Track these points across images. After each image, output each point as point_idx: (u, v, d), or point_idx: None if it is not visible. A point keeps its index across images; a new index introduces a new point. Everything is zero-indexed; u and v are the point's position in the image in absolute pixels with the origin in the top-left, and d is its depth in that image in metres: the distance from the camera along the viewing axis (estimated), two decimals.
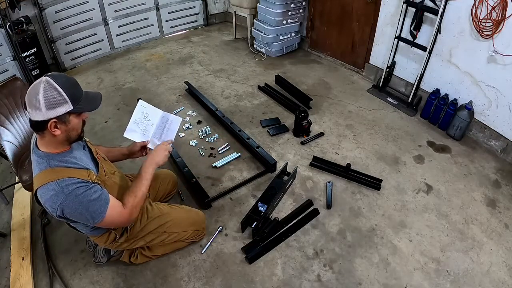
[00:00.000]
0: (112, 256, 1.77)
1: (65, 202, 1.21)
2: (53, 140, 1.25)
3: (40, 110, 1.14)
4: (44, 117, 1.15)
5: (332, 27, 3.88)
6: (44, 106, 1.14)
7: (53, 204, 1.21)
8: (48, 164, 1.24)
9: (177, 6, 4.80)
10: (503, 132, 2.57)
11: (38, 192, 1.24)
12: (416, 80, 3.03)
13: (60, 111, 1.17)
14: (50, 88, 1.15)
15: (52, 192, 1.20)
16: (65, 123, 1.21)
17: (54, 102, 1.15)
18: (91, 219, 1.29)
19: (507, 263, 1.85)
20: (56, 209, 1.22)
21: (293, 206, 2.20)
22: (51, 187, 1.21)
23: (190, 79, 3.68)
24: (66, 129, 1.23)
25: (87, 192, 1.25)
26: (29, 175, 1.92)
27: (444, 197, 2.26)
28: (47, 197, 1.21)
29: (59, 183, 1.21)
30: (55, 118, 1.17)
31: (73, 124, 1.24)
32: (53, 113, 1.16)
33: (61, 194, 1.20)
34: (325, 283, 1.76)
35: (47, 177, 1.22)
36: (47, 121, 1.17)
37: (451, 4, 2.56)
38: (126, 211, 1.40)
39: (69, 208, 1.23)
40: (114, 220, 1.37)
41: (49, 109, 1.15)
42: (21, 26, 3.38)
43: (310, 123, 2.79)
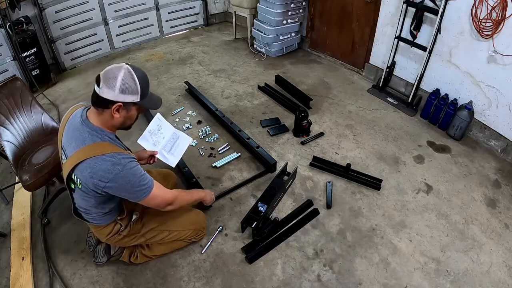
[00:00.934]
0: (112, 256, 1.78)
1: (121, 173, 1.28)
2: (110, 120, 1.34)
3: (114, 91, 1.26)
4: (114, 98, 1.27)
5: (332, 27, 3.88)
6: (118, 88, 1.26)
7: (107, 174, 1.26)
8: (102, 138, 1.32)
9: (177, 6, 4.81)
10: (503, 132, 2.57)
11: (89, 161, 1.27)
12: (416, 80, 3.03)
13: (128, 99, 1.30)
14: (130, 76, 1.28)
15: (108, 163, 1.26)
16: (127, 110, 1.34)
17: (128, 89, 1.28)
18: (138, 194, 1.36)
19: (507, 263, 1.85)
20: (108, 180, 1.27)
21: (293, 206, 2.20)
22: (107, 158, 1.27)
23: (190, 79, 3.68)
24: (126, 116, 1.35)
25: (138, 168, 1.35)
26: (29, 175, 1.93)
27: (444, 197, 2.26)
28: (102, 167, 1.26)
29: (115, 155, 1.29)
30: (122, 102, 1.29)
31: (132, 113, 1.37)
32: (122, 97, 1.28)
33: (119, 165, 1.28)
34: (325, 283, 1.76)
35: (105, 149, 1.29)
36: (114, 103, 1.28)
37: (451, 4, 2.56)
38: (171, 193, 1.51)
39: (122, 178, 1.29)
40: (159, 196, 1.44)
41: (121, 93, 1.27)
42: (21, 26, 3.38)
43: (310, 123, 2.79)
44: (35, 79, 3.50)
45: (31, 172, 1.94)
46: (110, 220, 1.55)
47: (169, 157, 1.86)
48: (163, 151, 1.84)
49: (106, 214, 1.51)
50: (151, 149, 1.82)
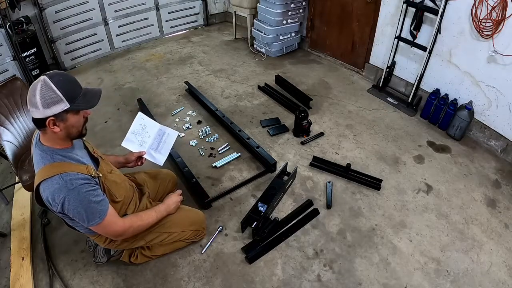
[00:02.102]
0: (112, 256, 1.77)
1: (67, 197, 1.23)
2: (54, 137, 1.28)
3: (38, 109, 1.18)
4: (42, 115, 1.20)
5: (332, 27, 3.88)
6: (40, 104, 1.18)
7: (55, 198, 1.23)
8: (52, 158, 1.27)
9: (177, 6, 4.80)
10: (503, 132, 2.57)
11: (41, 186, 1.25)
12: (416, 80, 3.03)
13: (56, 110, 1.20)
14: (46, 88, 1.18)
15: (56, 186, 1.22)
16: (63, 121, 1.24)
17: (50, 101, 1.18)
18: (87, 220, 1.30)
19: (507, 263, 1.85)
20: (58, 203, 1.24)
21: (293, 206, 2.20)
22: (55, 180, 1.23)
23: (190, 79, 3.68)
24: (65, 126, 1.26)
25: (91, 192, 1.28)
26: (29, 175, 1.93)
27: (444, 197, 2.26)
28: (51, 190, 1.23)
29: (63, 177, 1.23)
30: (53, 116, 1.20)
31: (71, 121, 1.27)
32: (49, 111, 1.19)
33: (65, 188, 1.23)
34: (325, 283, 1.76)
35: (52, 170, 1.24)
36: (45, 119, 1.20)
37: (451, 4, 2.56)
38: (123, 225, 1.43)
39: (70, 203, 1.24)
40: (106, 230, 1.39)
41: (46, 108, 1.18)
42: (21, 26, 3.38)
43: (310, 123, 2.79)
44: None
45: (31, 172, 1.94)
46: None
47: (156, 155, 1.82)
48: (151, 150, 1.81)
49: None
50: (137, 150, 1.78)
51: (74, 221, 1.38)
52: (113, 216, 1.38)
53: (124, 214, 1.56)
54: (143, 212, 1.59)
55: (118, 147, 2.75)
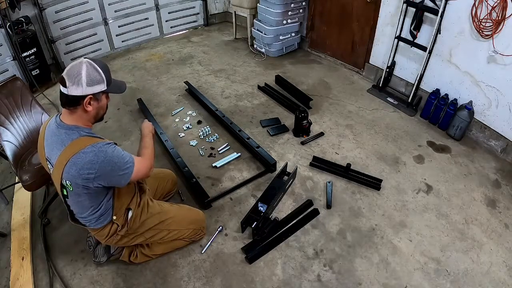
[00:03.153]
0: (112, 255, 1.77)
1: (105, 160, 1.31)
2: (83, 116, 1.38)
3: (81, 86, 1.29)
4: (83, 92, 1.30)
5: (332, 27, 3.88)
6: (85, 82, 1.29)
7: (92, 165, 1.29)
8: (79, 134, 1.35)
9: (177, 6, 4.80)
10: (503, 132, 2.57)
11: (73, 159, 1.29)
12: (416, 80, 3.03)
13: (96, 89, 1.33)
14: (92, 68, 1.32)
15: (90, 154, 1.30)
16: (98, 100, 1.37)
17: (94, 80, 1.31)
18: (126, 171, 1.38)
19: (507, 263, 1.85)
20: (95, 170, 1.30)
21: (293, 206, 2.20)
22: (88, 150, 1.30)
23: (190, 79, 3.68)
24: (97, 106, 1.39)
25: (117, 148, 1.40)
26: (29, 175, 1.93)
27: (444, 197, 2.26)
28: (86, 160, 1.29)
29: (95, 145, 1.32)
30: (92, 94, 1.32)
31: (102, 103, 1.42)
32: (91, 89, 1.31)
33: (100, 152, 1.31)
34: (325, 283, 1.76)
35: (82, 143, 1.31)
36: (84, 97, 1.31)
37: (451, 4, 2.56)
38: (147, 160, 1.54)
39: (108, 164, 1.32)
40: (141, 168, 1.47)
41: (89, 86, 1.30)
42: (21, 26, 3.37)
43: (310, 123, 2.79)
44: (35, 79, 3.50)
45: (31, 172, 1.94)
46: (106, 221, 1.55)
47: None
48: None
49: (101, 216, 1.51)
50: None
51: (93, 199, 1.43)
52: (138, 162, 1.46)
53: (128, 208, 1.60)
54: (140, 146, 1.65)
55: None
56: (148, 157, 1.57)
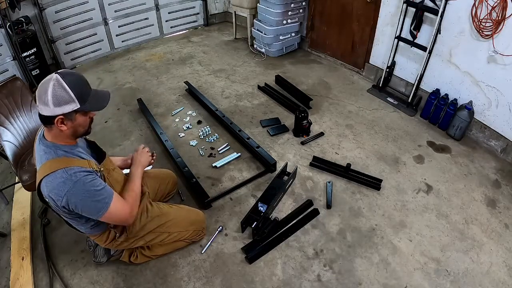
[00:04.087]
0: (112, 256, 1.77)
1: (72, 190, 1.23)
2: (60, 134, 1.29)
3: (48, 106, 1.19)
4: (51, 113, 1.20)
5: (332, 27, 3.88)
6: (51, 103, 1.19)
7: (59, 192, 1.23)
8: (55, 154, 1.27)
9: (177, 6, 4.80)
10: (503, 132, 2.57)
11: (44, 181, 1.25)
12: (416, 80, 3.03)
13: (66, 109, 1.21)
14: (59, 87, 1.19)
15: (60, 180, 1.23)
16: (72, 120, 1.25)
17: (61, 100, 1.19)
18: (96, 210, 1.30)
19: (507, 263, 1.85)
20: (62, 197, 1.23)
21: (293, 206, 2.20)
22: (59, 174, 1.23)
23: (190, 79, 3.68)
24: (73, 125, 1.27)
25: (94, 181, 1.29)
26: (29, 175, 1.93)
27: (444, 197, 2.26)
28: (54, 184, 1.23)
29: (67, 170, 1.24)
30: (62, 115, 1.21)
31: (79, 121, 1.28)
32: (59, 110, 1.20)
33: (69, 181, 1.23)
34: (325, 283, 1.76)
35: (55, 165, 1.24)
36: (54, 117, 1.21)
37: (451, 4, 2.56)
38: (128, 206, 1.43)
39: (76, 196, 1.24)
40: (117, 213, 1.37)
41: (56, 106, 1.19)
42: (21, 26, 3.38)
43: (310, 123, 2.79)
44: (35, 79, 3.50)
45: (31, 172, 1.94)
46: (103, 229, 1.54)
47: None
48: None
49: (95, 226, 1.48)
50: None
51: (74, 219, 1.38)
52: (117, 201, 1.36)
53: None
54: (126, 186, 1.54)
55: (118, 147, 2.76)
56: (131, 202, 1.44)
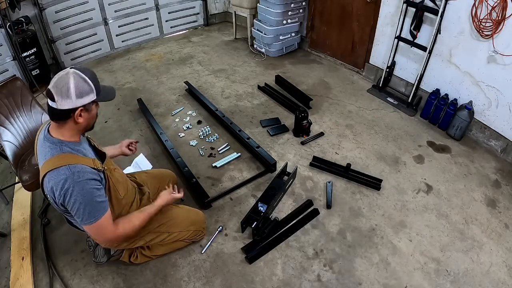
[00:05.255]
0: (112, 256, 1.77)
1: (71, 189, 1.24)
2: (73, 128, 1.32)
3: (71, 99, 1.23)
4: (73, 105, 1.24)
5: (332, 27, 3.88)
6: (74, 94, 1.23)
7: (60, 188, 1.24)
8: (61, 150, 1.29)
9: (177, 6, 4.80)
10: (503, 132, 2.57)
11: (47, 176, 1.26)
12: (416, 80, 3.03)
13: (87, 100, 1.27)
14: (80, 79, 1.25)
15: (62, 176, 1.24)
16: (88, 111, 1.31)
17: (83, 91, 1.25)
18: (83, 218, 1.29)
19: (507, 263, 1.85)
20: (61, 194, 1.24)
21: (293, 206, 2.20)
22: (62, 171, 1.24)
23: (190, 79, 3.68)
24: (88, 117, 1.33)
25: (95, 190, 1.30)
26: (29, 175, 1.93)
27: (444, 197, 2.26)
28: (56, 180, 1.24)
29: (71, 168, 1.25)
30: (82, 106, 1.26)
31: (93, 112, 1.35)
32: (81, 101, 1.26)
33: (71, 179, 1.24)
34: (325, 283, 1.76)
35: (60, 161, 1.26)
36: (75, 109, 1.25)
37: (451, 4, 2.56)
38: (114, 232, 1.40)
39: (72, 196, 1.25)
40: (100, 232, 1.37)
41: (79, 98, 1.25)
42: (21, 26, 3.37)
43: (310, 123, 2.79)
44: (35, 79, 3.50)
45: (31, 172, 1.94)
46: None
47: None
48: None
49: None
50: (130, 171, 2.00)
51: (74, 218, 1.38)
52: (108, 220, 1.36)
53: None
54: (132, 215, 1.53)
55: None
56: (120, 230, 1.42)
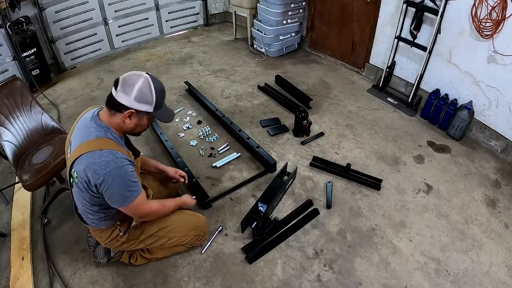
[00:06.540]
0: (112, 258, 1.77)
1: (113, 172, 1.27)
2: (119, 124, 1.37)
3: (129, 97, 1.29)
4: (128, 104, 1.29)
5: (332, 27, 3.88)
6: (134, 96, 1.29)
7: (100, 170, 1.26)
8: (105, 134, 1.33)
9: (177, 6, 4.80)
10: (503, 132, 2.57)
11: (87, 155, 1.27)
12: (416, 80, 3.03)
13: (142, 108, 1.32)
14: (147, 86, 1.31)
15: (105, 159, 1.26)
16: (139, 118, 1.36)
17: (143, 98, 1.30)
18: (123, 200, 1.34)
19: (507, 263, 1.85)
20: (100, 175, 1.26)
21: (293, 206, 2.20)
22: (105, 153, 1.27)
23: (190, 79, 3.68)
24: (137, 123, 1.38)
25: (132, 173, 1.34)
26: (29, 175, 1.93)
27: (444, 197, 2.26)
28: (98, 161, 1.25)
29: (114, 153, 1.28)
30: (135, 110, 1.31)
31: (143, 122, 1.40)
32: (136, 105, 1.31)
33: (113, 163, 1.27)
34: (325, 283, 1.76)
35: (104, 144, 1.29)
36: (127, 108, 1.30)
37: (451, 4, 2.56)
38: (149, 208, 1.50)
39: (113, 179, 1.27)
40: (138, 209, 1.43)
41: (136, 101, 1.30)
42: (21, 26, 3.37)
43: (310, 123, 2.79)
44: (35, 79, 3.50)
45: (31, 172, 1.94)
46: (109, 224, 1.54)
47: None
48: None
49: (103, 218, 1.50)
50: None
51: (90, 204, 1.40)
52: (143, 197, 1.43)
53: None
54: (165, 200, 1.66)
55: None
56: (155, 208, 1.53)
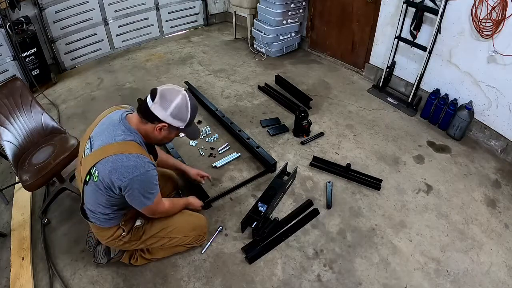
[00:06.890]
0: (112, 258, 1.77)
1: (140, 177, 1.29)
2: (148, 132, 1.39)
3: (165, 111, 1.33)
4: (163, 117, 1.33)
5: (332, 27, 3.88)
6: (171, 111, 1.33)
7: (127, 173, 1.27)
8: (134, 139, 1.35)
9: (177, 6, 4.80)
10: (503, 132, 2.57)
11: (115, 157, 1.27)
12: (416, 80, 3.03)
13: (175, 124, 1.37)
14: (185, 105, 1.36)
15: (133, 163, 1.28)
16: (169, 132, 1.41)
17: (179, 115, 1.36)
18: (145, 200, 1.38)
19: (507, 263, 1.85)
20: (126, 178, 1.28)
21: (293, 206, 2.20)
22: (133, 157, 1.28)
23: (190, 79, 3.68)
24: (165, 136, 1.42)
25: (156, 177, 1.39)
26: (29, 175, 1.93)
27: (444, 197, 2.26)
28: (125, 164, 1.27)
29: (142, 158, 1.31)
30: (168, 124, 1.35)
31: (171, 136, 1.46)
32: (171, 120, 1.35)
33: (142, 168, 1.29)
34: (325, 283, 1.76)
35: (133, 148, 1.31)
36: (161, 121, 1.34)
37: (451, 4, 2.56)
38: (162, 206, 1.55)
39: (139, 184, 1.31)
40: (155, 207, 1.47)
41: (171, 116, 1.34)
42: (21, 26, 3.37)
43: (310, 123, 2.79)
44: (35, 79, 3.50)
45: (31, 172, 1.94)
46: (114, 224, 1.55)
47: None
48: None
49: (110, 218, 1.51)
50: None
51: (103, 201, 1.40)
52: (160, 197, 1.47)
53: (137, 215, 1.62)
54: (175, 199, 1.75)
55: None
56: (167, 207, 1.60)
